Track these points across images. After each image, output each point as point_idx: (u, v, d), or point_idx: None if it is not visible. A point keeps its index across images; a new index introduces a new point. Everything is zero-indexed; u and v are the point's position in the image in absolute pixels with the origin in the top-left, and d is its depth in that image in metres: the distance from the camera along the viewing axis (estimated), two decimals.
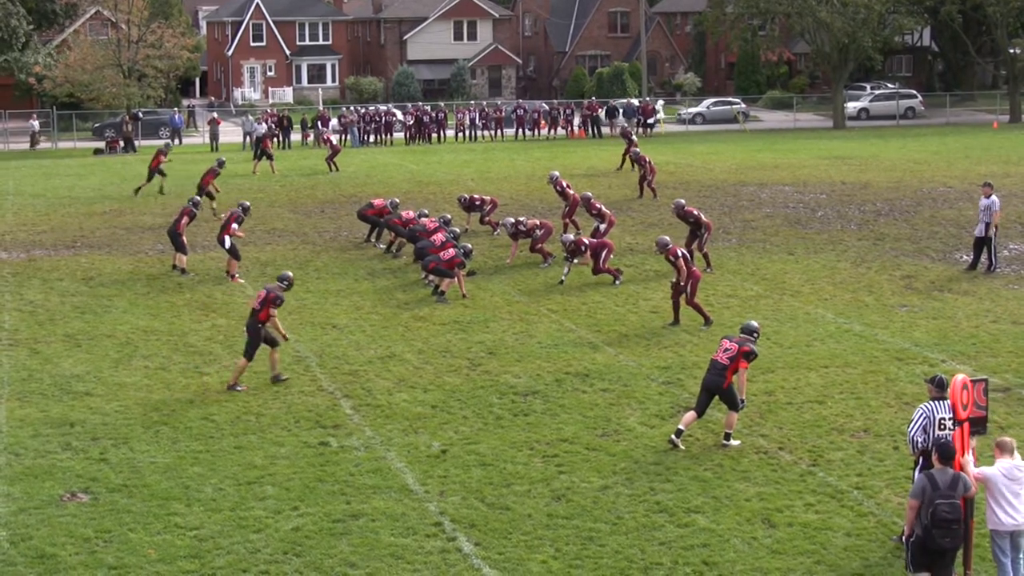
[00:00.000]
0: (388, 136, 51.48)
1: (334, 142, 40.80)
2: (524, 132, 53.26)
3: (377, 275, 22.00)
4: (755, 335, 12.64)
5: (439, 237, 20.41)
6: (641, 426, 13.25)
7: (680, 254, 17.40)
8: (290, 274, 15.78)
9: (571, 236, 21.01)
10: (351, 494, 11.40)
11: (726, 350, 12.39)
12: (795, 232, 26.16)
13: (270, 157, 38.91)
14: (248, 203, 23.51)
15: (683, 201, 22.02)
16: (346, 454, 12.47)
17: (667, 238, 17.97)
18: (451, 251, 19.64)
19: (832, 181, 35.14)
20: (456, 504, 11.14)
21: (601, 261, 20.64)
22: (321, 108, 56.52)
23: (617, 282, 20.52)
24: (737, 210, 29.32)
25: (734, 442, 12.49)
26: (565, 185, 25.75)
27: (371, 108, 54.43)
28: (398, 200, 25.61)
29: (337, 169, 39.22)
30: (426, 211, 23.98)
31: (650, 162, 31.63)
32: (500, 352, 16.43)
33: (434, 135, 51.80)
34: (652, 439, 12.80)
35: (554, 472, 11.90)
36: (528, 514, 10.91)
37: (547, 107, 54.73)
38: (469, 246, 20.28)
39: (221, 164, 30.20)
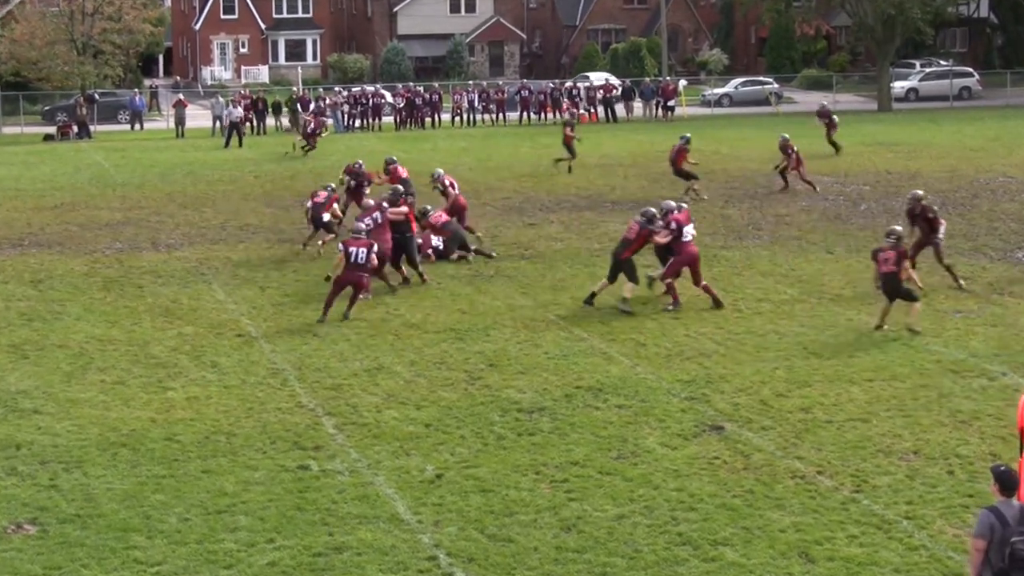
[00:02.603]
0: (376, 120, 51.55)
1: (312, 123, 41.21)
2: (529, 116, 53.29)
3: None
4: (893, 236, 16.11)
5: None
6: (661, 447, 13.23)
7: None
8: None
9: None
10: (334, 524, 11.38)
11: (886, 260, 16.27)
12: (835, 228, 26.13)
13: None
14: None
15: (920, 192, 21.09)
16: (328, 479, 12.46)
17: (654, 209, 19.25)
18: None
19: (877, 170, 35.11)
20: (453, 535, 11.12)
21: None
22: (299, 89, 56.52)
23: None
24: (769, 203, 29.30)
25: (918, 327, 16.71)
26: (448, 184, 24.87)
27: (357, 89, 54.52)
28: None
29: (313, 147, 39.66)
30: None
31: (797, 152, 30.83)
32: (502, 364, 16.42)
33: (428, 119, 51.86)
34: (674, 461, 12.78)
35: (563, 499, 11.88)
36: (534, 547, 10.89)
37: (552, 86, 54.80)
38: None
39: (687, 140, 30.43)
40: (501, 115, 53.12)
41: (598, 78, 61.40)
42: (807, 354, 16.68)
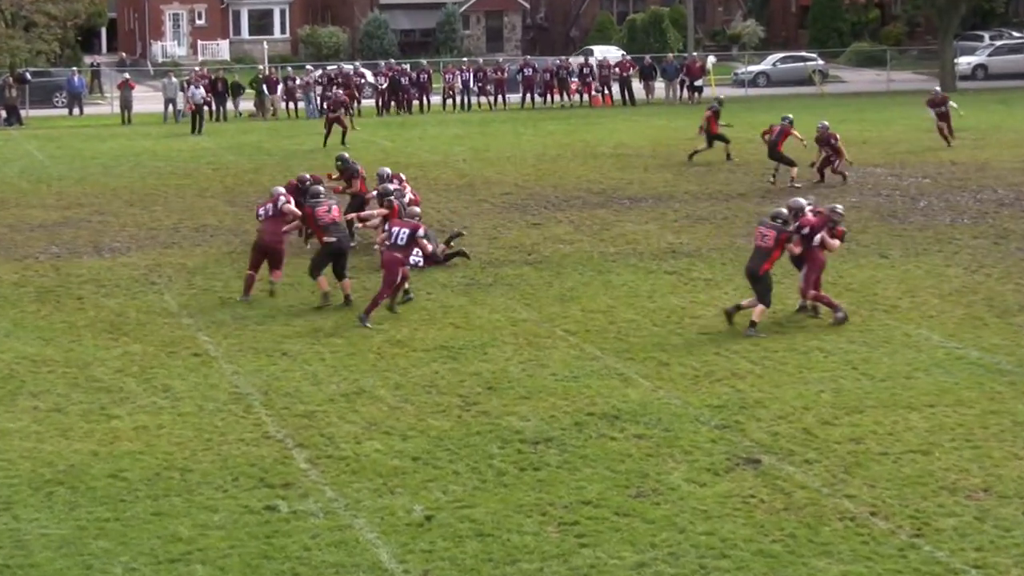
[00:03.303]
0: (355, 104, 51.56)
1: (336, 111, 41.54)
2: (533, 98, 53.34)
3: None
4: None
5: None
6: (688, 483, 13.23)
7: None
8: None
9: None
10: (306, 575, 11.37)
11: None
12: (889, 228, 26.14)
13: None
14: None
15: None
16: (300, 522, 12.45)
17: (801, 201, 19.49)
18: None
19: (938, 161, 35.12)
20: None
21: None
22: (265, 67, 56.59)
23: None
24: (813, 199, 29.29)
25: None
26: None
27: (332, 68, 54.56)
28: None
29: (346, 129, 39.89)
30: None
31: (838, 141, 31.13)
32: (502, 387, 16.44)
33: (415, 102, 51.89)
34: (703, 500, 12.77)
35: (574, 545, 11.88)
36: None
37: (559, 64, 54.73)
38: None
39: (791, 121, 31.44)
40: (500, 97, 53.17)
41: (606, 53, 61.40)
42: (858, 375, 16.67)
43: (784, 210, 19.27)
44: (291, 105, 50.97)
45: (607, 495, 12.98)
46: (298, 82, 51.57)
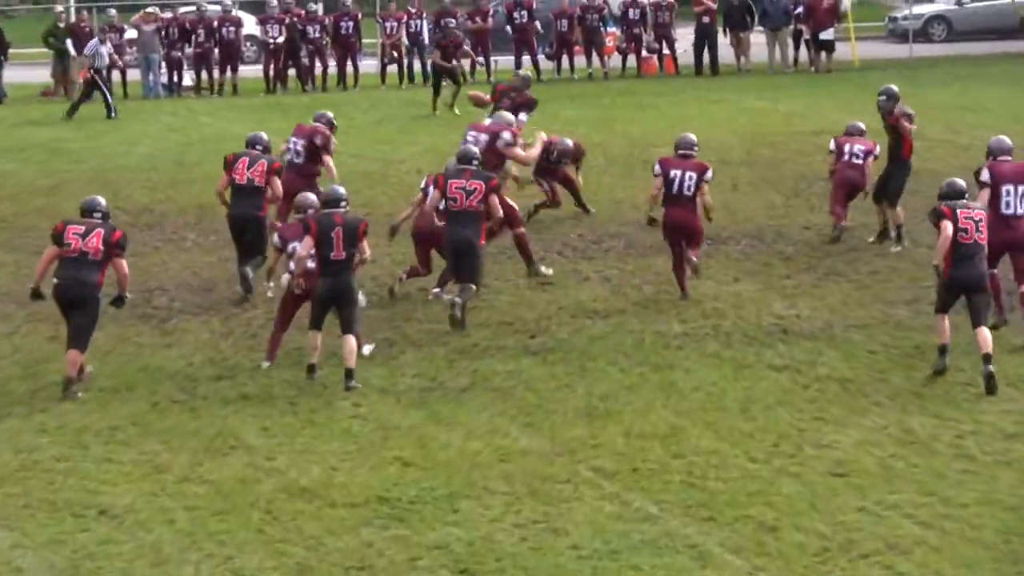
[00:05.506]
0: (227, 73, 51.91)
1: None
2: (535, 62, 53.60)
3: (208, 376, 21.94)
4: None
5: None
6: None
7: None
8: None
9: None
10: None
11: None
12: None
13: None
14: None
15: None
16: None
17: None
18: None
19: None
20: None
21: None
22: (69, 9, 56.89)
23: None
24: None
25: None
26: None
27: (189, 10, 54.86)
28: None
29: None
30: None
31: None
32: (485, 570, 16.42)
33: (330, 70, 52.15)
34: None
35: None
36: None
37: (584, 2, 54.81)
38: None
39: (891, 95, 29.76)
40: (481, 60, 53.37)
41: None
42: None
43: None
44: (116, 75, 51.15)
45: None
46: (128, 35, 51.76)
